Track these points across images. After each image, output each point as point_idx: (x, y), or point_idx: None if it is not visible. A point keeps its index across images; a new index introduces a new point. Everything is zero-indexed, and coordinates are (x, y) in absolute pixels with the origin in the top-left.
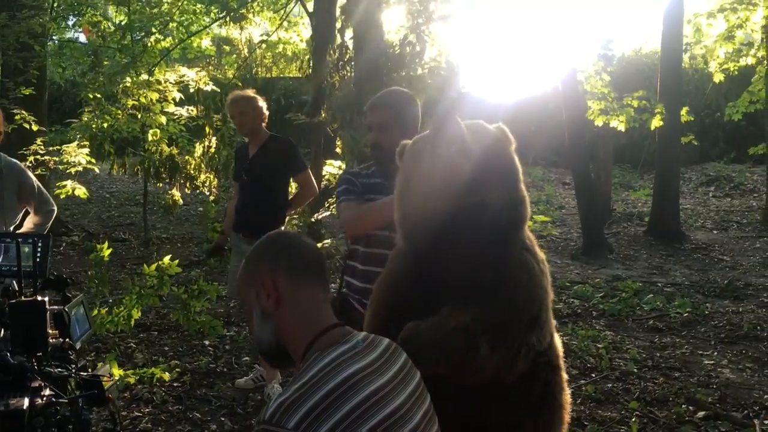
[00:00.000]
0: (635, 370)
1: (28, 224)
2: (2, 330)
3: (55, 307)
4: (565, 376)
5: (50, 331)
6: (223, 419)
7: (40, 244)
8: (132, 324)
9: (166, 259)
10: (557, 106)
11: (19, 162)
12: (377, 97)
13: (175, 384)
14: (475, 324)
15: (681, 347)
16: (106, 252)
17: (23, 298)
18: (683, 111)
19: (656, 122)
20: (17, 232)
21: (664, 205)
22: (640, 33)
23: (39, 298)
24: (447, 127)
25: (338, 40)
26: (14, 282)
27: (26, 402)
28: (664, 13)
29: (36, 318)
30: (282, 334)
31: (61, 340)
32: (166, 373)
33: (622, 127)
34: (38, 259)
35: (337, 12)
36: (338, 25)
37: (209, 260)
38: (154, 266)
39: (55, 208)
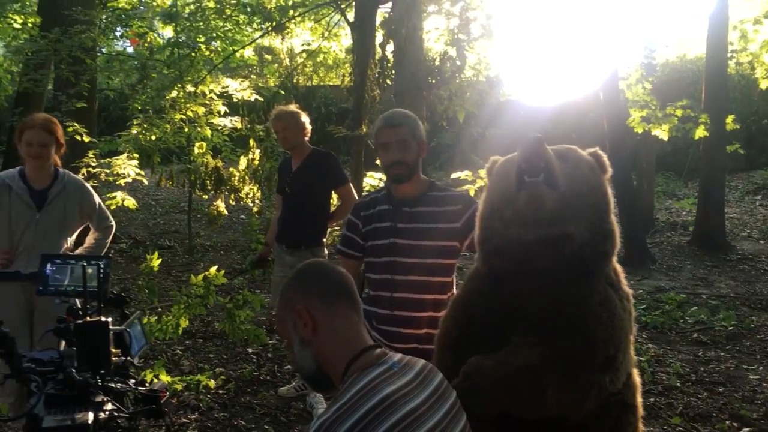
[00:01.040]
0: (678, 385)
1: (90, 239)
2: (67, 346)
3: (118, 327)
4: (641, 412)
5: (112, 350)
6: (266, 427)
7: (102, 265)
8: (180, 333)
9: (213, 269)
10: (598, 114)
11: (82, 180)
12: (390, 117)
13: (220, 391)
14: (543, 363)
15: (725, 361)
16: (156, 263)
17: (88, 319)
18: (729, 119)
19: (700, 132)
20: (80, 251)
21: (709, 215)
22: (684, 39)
23: (102, 318)
24: (535, 153)
25: (379, 53)
26: (77, 301)
27: (90, 416)
28: (708, 19)
29: (100, 338)
30: (321, 359)
31: (123, 358)
32: (212, 380)
33: (664, 137)
34: (101, 280)
35: (378, 22)
36: (379, 38)
37: (254, 271)
38: (200, 277)
39: (114, 223)
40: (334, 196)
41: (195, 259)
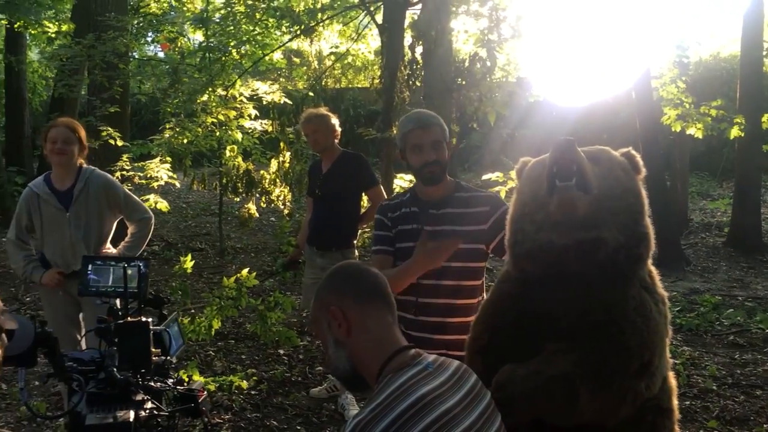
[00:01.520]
0: (714, 388)
1: (128, 234)
2: (107, 346)
3: (157, 327)
4: (677, 416)
5: (152, 350)
6: (298, 428)
7: (142, 266)
8: (212, 334)
9: (244, 271)
10: (630, 114)
11: (107, 174)
12: (420, 118)
13: (252, 392)
14: (577, 371)
15: (763, 364)
16: (189, 265)
17: (129, 319)
18: (765, 117)
19: (735, 132)
20: (120, 247)
21: (745, 215)
22: (718, 37)
23: (143, 318)
24: (567, 156)
25: (408, 55)
26: (117, 302)
27: (132, 414)
28: (743, 16)
29: (141, 338)
30: (356, 360)
31: (162, 358)
32: (244, 381)
33: (699, 135)
34: (140, 281)
35: (406, 23)
36: (408, 40)
37: (285, 273)
38: (233, 279)
39: (150, 215)
40: (364, 198)
41: (226, 261)
